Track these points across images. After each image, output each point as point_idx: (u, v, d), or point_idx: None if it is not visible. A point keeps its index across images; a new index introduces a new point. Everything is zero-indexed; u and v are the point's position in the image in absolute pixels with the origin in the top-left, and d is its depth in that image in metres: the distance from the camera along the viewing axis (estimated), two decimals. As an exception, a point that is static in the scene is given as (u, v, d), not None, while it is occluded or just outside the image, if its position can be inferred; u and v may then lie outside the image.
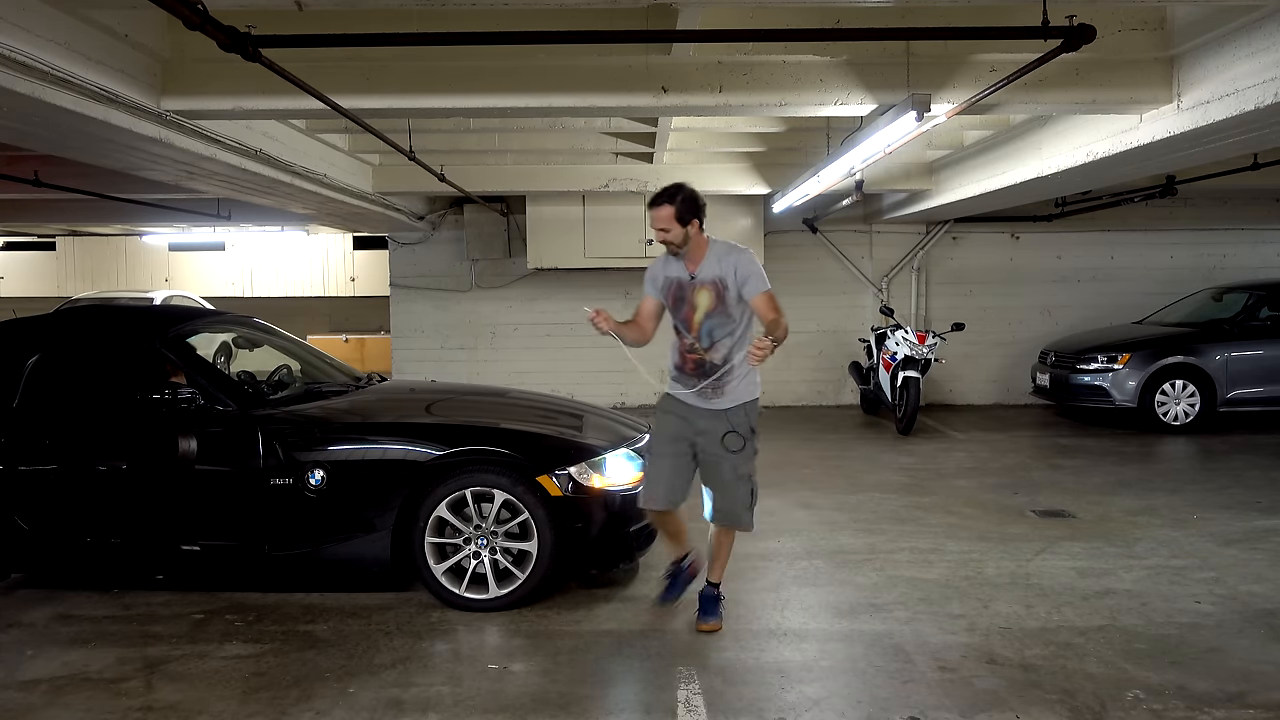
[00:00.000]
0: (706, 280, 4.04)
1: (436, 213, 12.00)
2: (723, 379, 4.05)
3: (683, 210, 3.98)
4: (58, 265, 16.95)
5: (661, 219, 3.99)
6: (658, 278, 4.21)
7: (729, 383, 4.06)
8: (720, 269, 4.02)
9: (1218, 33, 4.58)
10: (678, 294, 4.12)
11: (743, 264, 4.00)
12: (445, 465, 4.51)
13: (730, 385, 4.07)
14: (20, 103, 4.14)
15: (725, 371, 4.04)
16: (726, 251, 4.06)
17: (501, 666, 3.89)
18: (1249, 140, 5.47)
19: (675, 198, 3.99)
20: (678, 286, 4.12)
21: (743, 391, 4.08)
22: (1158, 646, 4.02)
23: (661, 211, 3.99)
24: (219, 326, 5.84)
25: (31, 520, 4.72)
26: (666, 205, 3.98)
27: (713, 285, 4.03)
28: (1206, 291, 10.99)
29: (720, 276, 4.02)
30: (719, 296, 4.02)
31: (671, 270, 4.15)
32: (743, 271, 3.99)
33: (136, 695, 3.67)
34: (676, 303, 4.13)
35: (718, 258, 4.05)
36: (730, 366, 4.03)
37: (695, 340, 4.09)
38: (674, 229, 3.99)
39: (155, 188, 8.24)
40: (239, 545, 4.63)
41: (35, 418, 4.77)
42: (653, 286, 4.23)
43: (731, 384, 4.07)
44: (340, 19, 4.60)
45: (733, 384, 4.07)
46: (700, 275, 4.06)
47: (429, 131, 7.50)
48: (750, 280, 3.99)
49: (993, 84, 4.75)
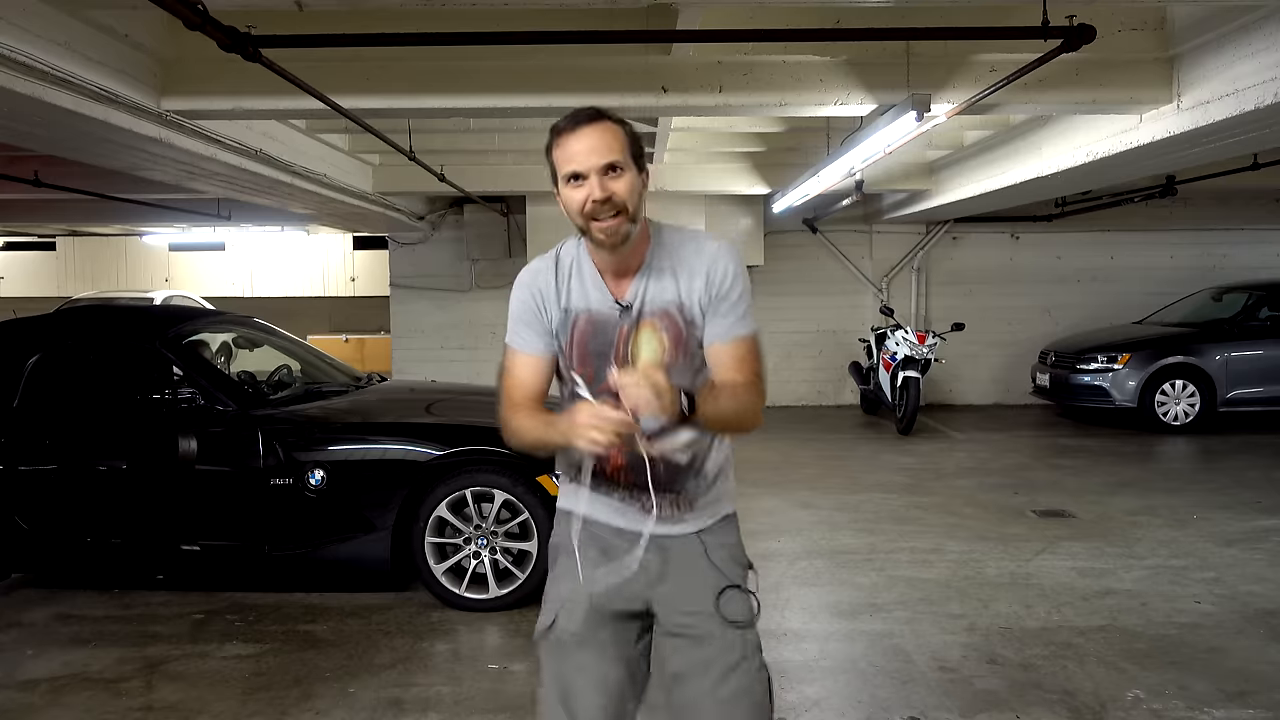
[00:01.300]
0: (655, 308, 1.99)
1: (436, 213, 12.00)
2: (691, 481, 2.06)
3: (633, 143, 1.96)
4: (58, 265, 16.95)
5: (601, 148, 1.89)
6: (544, 311, 2.05)
7: (702, 484, 2.08)
8: (679, 283, 1.99)
9: (1218, 33, 4.58)
10: (592, 341, 2.02)
11: (720, 268, 1.98)
12: (445, 465, 4.51)
13: (704, 486, 2.08)
14: (20, 103, 4.14)
15: (694, 471, 2.06)
16: (686, 245, 2.02)
17: (501, 666, 3.90)
18: (1249, 140, 5.47)
19: (615, 117, 1.96)
20: (590, 327, 2.01)
21: (724, 492, 2.13)
22: (1158, 646, 4.02)
23: (597, 134, 1.90)
24: (219, 326, 5.85)
25: (32, 520, 4.72)
26: (606, 123, 1.92)
27: (666, 316, 1.99)
28: (1206, 291, 10.99)
29: (679, 298, 1.99)
30: (678, 336, 1.99)
31: (577, 294, 2.03)
32: (723, 283, 1.98)
33: (137, 695, 3.67)
34: (587, 356, 2.02)
35: (672, 259, 2.01)
36: (702, 461, 2.07)
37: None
38: (625, 175, 1.91)
39: (155, 188, 8.23)
40: (239, 545, 4.64)
41: (35, 418, 4.78)
42: (532, 331, 2.05)
43: (705, 484, 2.08)
44: (340, 19, 4.59)
45: (708, 484, 2.09)
46: (642, 298, 1.99)
47: (429, 131, 7.50)
48: (729, 302, 1.97)
49: (993, 84, 4.75)
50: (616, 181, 1.88)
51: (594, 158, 1.87)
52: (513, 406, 2.02)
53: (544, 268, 2.08)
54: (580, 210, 1.91)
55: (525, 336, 2.05)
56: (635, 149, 1.95)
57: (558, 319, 2.04)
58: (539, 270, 2.08)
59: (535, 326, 2.04)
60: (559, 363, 2.05)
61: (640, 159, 1.95)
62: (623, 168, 1.89)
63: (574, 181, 1.90)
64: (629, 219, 1.90)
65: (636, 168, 1.93)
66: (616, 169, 1.88)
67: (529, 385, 2.03)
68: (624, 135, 1.93)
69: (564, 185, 1.93)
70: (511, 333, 2.06)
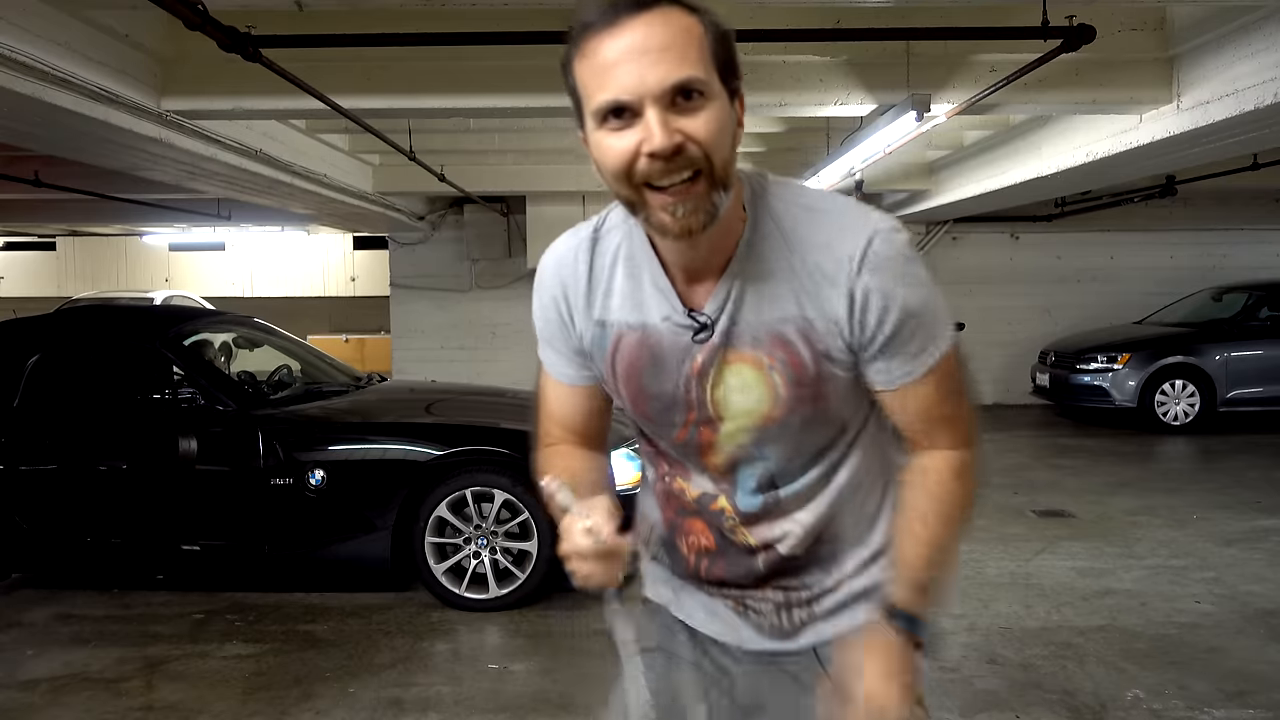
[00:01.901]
0: (758, 332, 1.22)
1: (436, 213, 12.00)
2: (815, 571, 1.37)
3: (721, 47, 1.12)
4: (58, 265, 16.95)
5: (663, 55, 1.05)
6: (569, 324, 1.34)
7: (834, 569, 1.37)
8: (802, 290, 1.20)
9: (1217, 33, 4.58)
10: (650, 377, 1.29)
11: (876, 282, 1.18)
12: (445, 465, 4.51)
13: (839, 571, 1.37)
14: (21, 103, 4.14)
15: (812, 561, 1.36)
16: (814, 226, 1.20)
17: (502, 666, 3.90)
18: (1248, 140, 5.47)
19: (697, 11, 1.11)
20: (644, 354, 1.28)
21: (876, 577, 1.35)
22: (1157, 646, 4.02)
23: (656, 28, 1.06)
24: (219, 326, 5.85)
25: (32, 520, 4.72)
26: (670, 9, 1.08)
27: (780, 344, 1.21)
28: (1206, 291, 10.99)
29: (803, 315, 1.20)
30: (802, 374, 1.22)
31: (623, 300, 1.28)
32: (883, 311, 1.19)
33: (137, 695, 3.67)
34: (644, 400, 1.31)
35: (788, 248, 1.20)
36: (834, 538, 1.35)
37: (713, 491, 1.35)
38: (708, 105, 1.08)
39: (156, 188, 8.23)
40: (239, 545, 4.64)
41: (36, 418, 4.78)
42: (556, 352, 1.38)
43: (840, 569, 1.37)
44: (340, 19, 4.60)
45: (847, 568, 1.37)
46: (733, 313, 1.22)
47: (429, 131, 7.50)
48: (898, 339, 1.20)
49: (993, 84, 4.76)
50: (693, 118, 1.05)
51: (652, 73, 1.03)
52: (541, 442, 1.43)
53: (572, 255, 1.30)
54: (625, 171, 1.08)
55: (550, 357, 1.37)
56: (723, 56, 1.10)
57: (591, 335, 1.29)
58: (565, 258, 1.30)
59: (559, 345, 1.34)
60: (608, 394, 1.39)
61: (732, 74, 1.12)
62: (704, 91, 1.06)
63: (614, 120, 1.06)
64: (716, 184, 1.08)
65: (727, 91, 1.10)
66: (693, 93, 1.05)
67: (562, 418, 1.42)
68: (703, 32, 1.08)
69: (596, 126, 1.09)
70: (539, 344, 1.38)
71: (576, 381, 1.39)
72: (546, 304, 1.34)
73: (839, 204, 1.23)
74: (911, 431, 1.29)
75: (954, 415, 1.27)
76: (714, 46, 1.10)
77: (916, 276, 1.21)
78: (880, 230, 1.20)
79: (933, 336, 1.22)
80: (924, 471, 1.28)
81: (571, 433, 1.43)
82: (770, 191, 1.23)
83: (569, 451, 1.42)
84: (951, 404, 1.26)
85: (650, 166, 1.07)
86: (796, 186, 1.25)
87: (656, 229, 1.14)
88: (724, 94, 1.10)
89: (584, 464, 1.40)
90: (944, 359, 1.23)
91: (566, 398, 1.41)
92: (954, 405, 1.27)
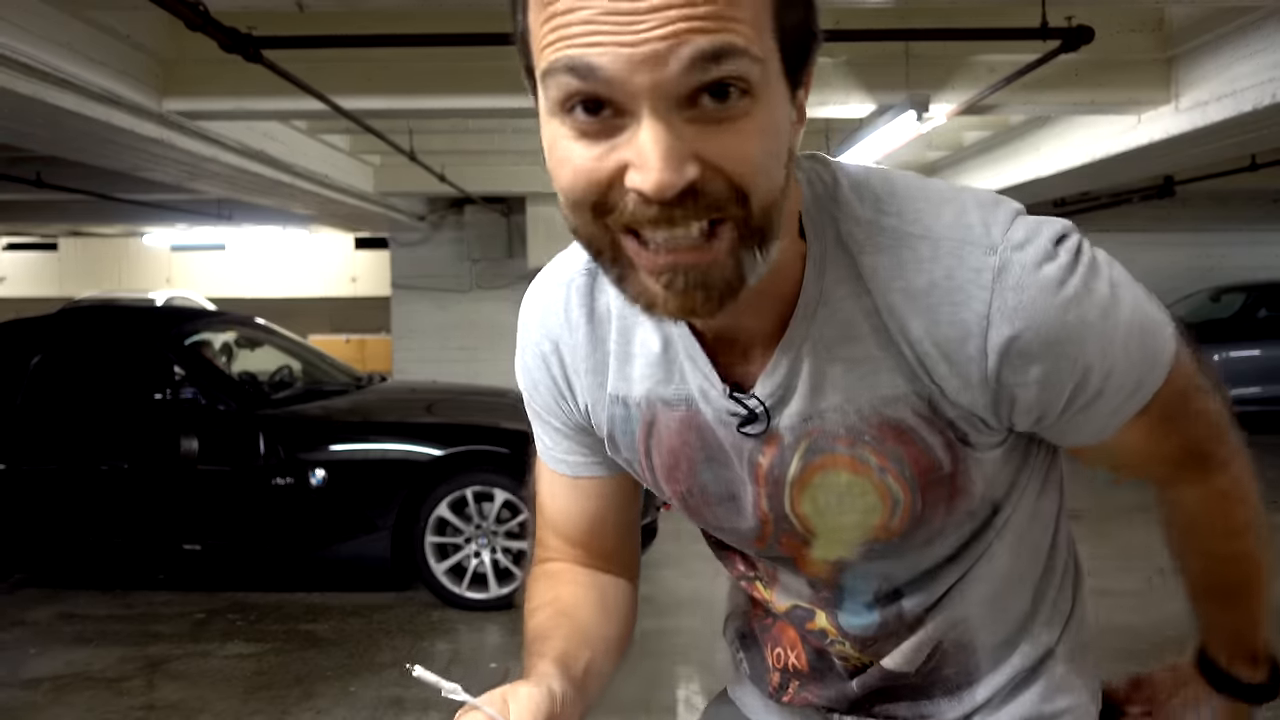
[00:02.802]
0: (853, 422, 0.78)
1: (437, 213, 12.01)
2: (933, 703, 0.93)
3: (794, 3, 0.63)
4: (60, 266, 16.97)
5: (701, 4, 0.56)
6: (564, 396, 0.91)
7: (954, 711, 0.92)
8: (911, 355, 0.75)
9: (1216, 34, 4.59)
10: (708, 475, 0.86)
11: (1044, 337, 0.73)
12: (446, 465, 4.52)
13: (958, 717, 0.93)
14: (22, 103, 4.15)
15: (933, 684, 0.92)
16: (917, 253, 0.74)
17: (502, 666, 3.91)
18: (1247, 141, 5.49)
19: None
20: (693, 442, 0.84)
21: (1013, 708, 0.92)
22: (1157, 646, 4.02)
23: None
24: (220, 327, 5.86)
25: (34, 519, 4.73)
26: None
27: (892, 431, 0.78)
28: (1204, 292, 11.00)
29: (916, 389, 0.76)
30: (926, 477, 0.79)
31: (647, 369, 0.84)
32: (1055, 372, 0.75)
33: (139, 694, 3.68)
34: (698, 499, 0.88)
35: (882, 294, 0.74)
36: (964, 651, 0.91)
37: (808, 606, 0.93)
38: (757, 104, 0.61)
39: (157, 188, 8.24)
40: (240, 545, 4.65)
41: (38, 417, 4.79)
42: (548, 431, 0.95)
43: (961, 712, 0.92)
44: (340, 19, 4.61)
45: (965, 710, 0.92)
46: (805, 399, 0.78)
47: (429, 132, 7.51)
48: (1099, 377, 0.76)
49: (992, 85, 4.76)
50: (724, 132, 0.61)
51: (661, 44, 0.57)
52: (535, 558, 1.01)
53: (561, 300, 0.89)
54: (595, 203, 0.64)
55: (543, 435, 0.97)
56: (795, 16, 0.65)
57: (608, 415, 0.89)
58: (551, 305, 0.90)
59: (552, 419, 0.95)
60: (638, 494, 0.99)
61: (803, 51, 0.67)
62: (749, 82, 0.61)
63: (583, 116, 0.62)
64: (751, 239, 0.65)
65: (788, 83, 0.66)
66: (730, 88, 0.60)
67: (563, 524, 0.99)
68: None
69: (550, 113, 0.64)
70: (529, 415, 0.98)
71: (580, 472, 0.95)
72: (532, 364, 0.92)
73: (942, 216, 0.75)
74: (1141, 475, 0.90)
75: (1201, 439, 0.87)
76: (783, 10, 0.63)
77: (1093, 305, 0.74)
78: (1010, 255, 0.73)
79: (1144, 363, 0.79)
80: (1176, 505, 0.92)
81: (576, 547, 0.98)
82: (842, 200, 0.77)
83: (567, 577, 0.96)
84: (1192, 427, 0.86)
85: (641, 210, 0.62)
86: (876, 186, 0.78)
87: (635, 300, 0.68)
88: (782, 85, 0.65)
89: (578, 605, 0.92)
90: (1170, 378, 0.80)
91: (567, 495, 0.97)
92: (1196, 427, 0.86)
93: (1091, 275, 0.74)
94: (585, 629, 0.89)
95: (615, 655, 0.93)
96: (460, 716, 0.78)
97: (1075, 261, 0.74)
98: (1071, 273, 0.73)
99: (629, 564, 1.01)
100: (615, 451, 0.90)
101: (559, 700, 0.75)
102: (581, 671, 0.83)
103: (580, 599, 0.93)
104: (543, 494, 0.99)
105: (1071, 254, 0.74)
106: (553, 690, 0.76)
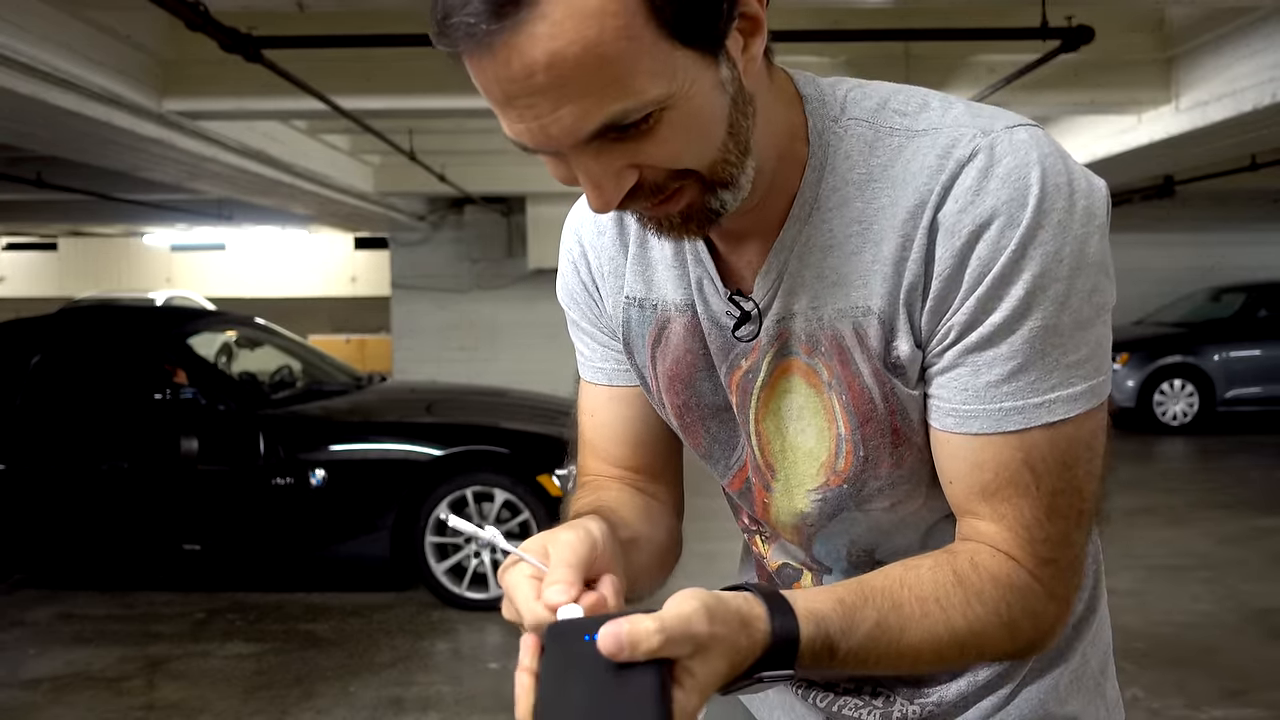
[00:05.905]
0: (811, 328, 0.79)
1: (437, 213, 12.02)
2: (925, 680, 0.91)
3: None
4: (60, 266, 16.99)
5: (560, 92, 0.63)
6: (596, 296, 0.95)
7: (950, 689, 0.92)
8: (877, 257, 0.75)
9: (1215, 34, 4.60)
10: (689, 390, 0.89)
11: (998, 210, 0.71)
12: (446, 465, 4.52)
13: (954, 696, 0.92)
14: (22, 103, 4.16)
15: None
16: (902, 149, 0.75)
17: (502, 666, 3.91)
18: (1247, 141, 5.50)
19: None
20: (684, 356, 0.88)
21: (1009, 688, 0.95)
22: (1156, 646, 4.03)
23: (555, 32, 0.61)
24: (220, 326, 5.86)
25: (34, 519, 4.73)
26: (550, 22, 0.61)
27: (835, 347, 0.79)
28: (1204, 291, 11.00)
29: (870, 302, 0.76)
30: (859, 406, 0.79)
31: (665, 272, 0.87)
32: (989, 262, 0.71)
33: (139, 694, 3.68)
34: (690, 415, 0.91)
35: (866, 193, 0.76)
36: None
37: (795, 566, 0.95)
38: (665, 119, 0.66)
39: (157, 188, 8.26)
40: (241, 544, 4.65)
41: (38, 417, 4.79)
42: (584, 334, 0.99)
43: (957, 691, 0.92)
44: (340, 19, 4.61)
45: (963, 688, 0.92)
46: (786, 297, 0.80)
47: (429, 132, 7.51)
48: (991, 324, 0.72)
49: (992, 85, 4.77)
50: (645, 143, 0.67)
51: (554, 124, 0.66)
52: (578, 482, 1.02)
53: (587, 234, 0.95)
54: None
55: (581, 345, 1.00)
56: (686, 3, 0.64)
57: (624, 319, 0.91)
58: (584, 210, 0.93)
59: (587, 325, 0.97)
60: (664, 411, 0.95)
61: (709, 17, 0.66)
62: (646, 113, 0.65)
63: (542, 154, 0.72)
64: (713, 186, 0.72)
65: (701, 52, 0.67)
66: (629, 126, 0.66)
67: (603, 443, 0.99)
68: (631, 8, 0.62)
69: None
70: (569, 326, 1.01)
71: (616, 380, 0.95)
72: (566, 270, 0.96)
73: (950, 111, 0.76)
74: (971, 515, 0.78)
75: (1050, 528, 0.76)
76: (650, 14, 0.62)
77: (1067, 232, 0.72)
78: (996, 133, 0.72)
79: (1072, 364, 0.73)
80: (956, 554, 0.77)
81: (617, 467, 0.97)
82: (848, 116, 0.78)
83: (610, 487, 0.95)
84: (1052, 503, 0.75)
85: (603, 206, 0.72)
86: (889, 98, 0.78)
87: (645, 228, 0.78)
88: (694, 68, 0.66)
89: (621, 505, 0.90)
90: (1078, 419, 0.73)
91: (605, 408, 0.96)
92: (1056, 505, 0.76)
93: (1088, 203, 0.75)
94: (629, 521, 0.87)
95: (660, 558, 0.92)
96: (505, 567, 0.77)
97: (1083, 178, 0.75)
98: (1069, 199, 0.73)
99: (671, 486, 0.99)
100: (630, 358, 0.93)
101: (598, 542, 0.71)
102: (627, 537, 0.81)
103: (624, 501, 0.92)
104: (583, 417, 1.01)
105: (1074, 169, 0.74)
106: (590, 531, 0.72)
